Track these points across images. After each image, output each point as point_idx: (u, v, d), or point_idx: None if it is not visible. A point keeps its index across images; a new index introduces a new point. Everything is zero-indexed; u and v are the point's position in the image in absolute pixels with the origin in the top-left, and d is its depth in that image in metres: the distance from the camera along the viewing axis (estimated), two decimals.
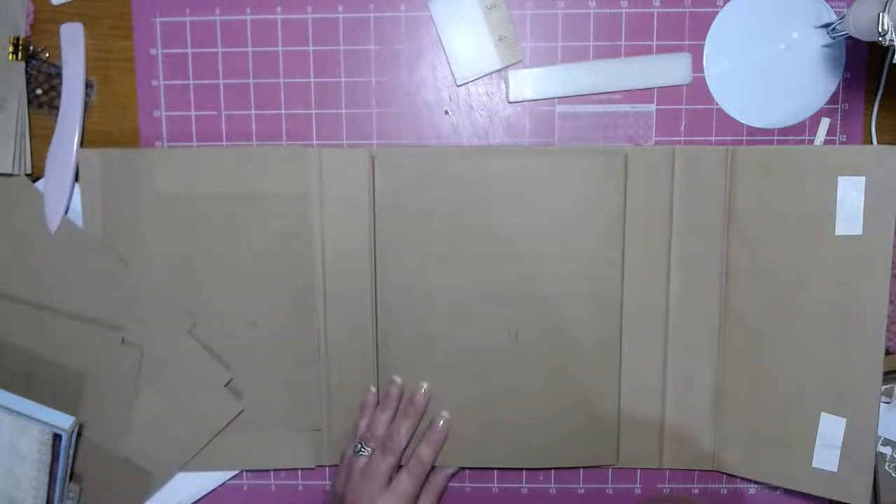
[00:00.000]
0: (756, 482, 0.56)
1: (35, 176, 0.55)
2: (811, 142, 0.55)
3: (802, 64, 0.54)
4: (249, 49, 0.55)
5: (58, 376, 0.54)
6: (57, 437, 0.51)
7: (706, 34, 0.54)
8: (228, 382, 0.55)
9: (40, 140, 0.55)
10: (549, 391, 0.54)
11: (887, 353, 0.52)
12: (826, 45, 0.53)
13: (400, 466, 0.53)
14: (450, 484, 0.57)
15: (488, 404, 0.54)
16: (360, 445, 0.53)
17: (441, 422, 0.54)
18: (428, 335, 0.54)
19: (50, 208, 0.54)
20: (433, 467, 0.55)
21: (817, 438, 0.51)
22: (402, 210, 0.53)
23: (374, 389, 0.55)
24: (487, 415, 0.54)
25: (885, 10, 0.41)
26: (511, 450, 0.55)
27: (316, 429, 0.56)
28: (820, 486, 0.52)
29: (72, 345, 0.54)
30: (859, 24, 0.44)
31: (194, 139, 0.56)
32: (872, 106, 0.54)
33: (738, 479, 0.57)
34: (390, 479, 0.52)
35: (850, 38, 0.48)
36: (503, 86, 0.55)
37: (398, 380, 0.54)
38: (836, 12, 0.53)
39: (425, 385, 0.54)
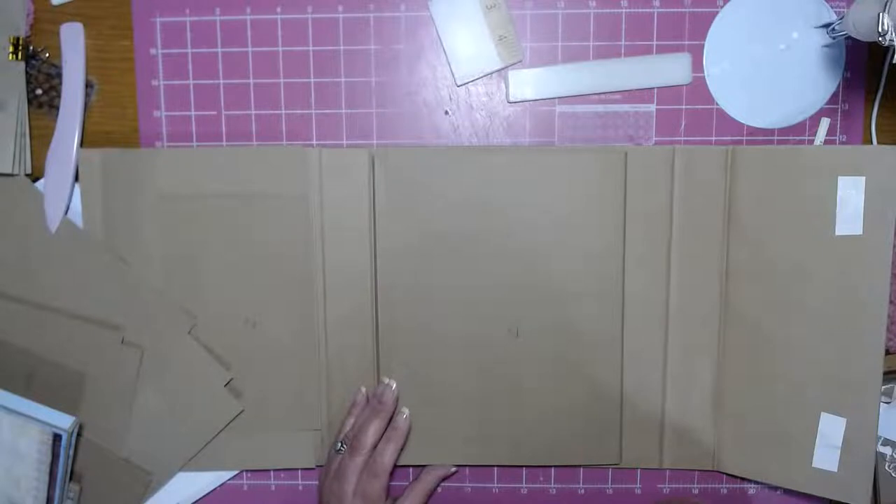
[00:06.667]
0: (756, 482, 0.56)
1: (35, 176, 0.55)
2: (811, 142, 0.55)
3: (802, 64, 0.54)
4: (249, 49, 0.55)
5: (58, 376, 0.54)
6: (57, 437, 0.51)
7: (706, 34, 0.54)
8: (228, 382, 0.55)
9: (40, 140, 0.55)
10: (550, 389, 0.54)
11: (887, 353, 0.52)
12: (826, 45, 0.53)
13: None
14: (450, 484, 0.57)
15: (488, 402, 0.54)
16: (339, 444, 0.53)
17: (401, 419, 0.53)
18: (428, 334, 0.54)
19: (50, 208, 0.54)
20: (429, 466, 0.55)
21: (817, 438, 0.51)
22: (402, 210, 0.53)
23: (364, 390, 0.55)
24: (488, 412, 0.54)
25: (885, 10, 0.41)
26: (511, 448, 0.55)
27: (316, 429, 0.56)
28: (820, 486, 0.52)
29: (72, 345, 0.54)
30: (859, 24, 0.44)
31: (194, 139, 0.56)
32: (872, 106, 0.54)
33: (738, 479, 0.57)
34: (358, 479, 0.51)
35: (850, 38, 0.48)
36: (503, 86, 0.55)
37: (392, 384, 0.54)
38: (836, 12, 0.53)
39: (394, 383, 0.53)
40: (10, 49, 0.54)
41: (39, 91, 0.56)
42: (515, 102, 0.55)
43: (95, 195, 0.54)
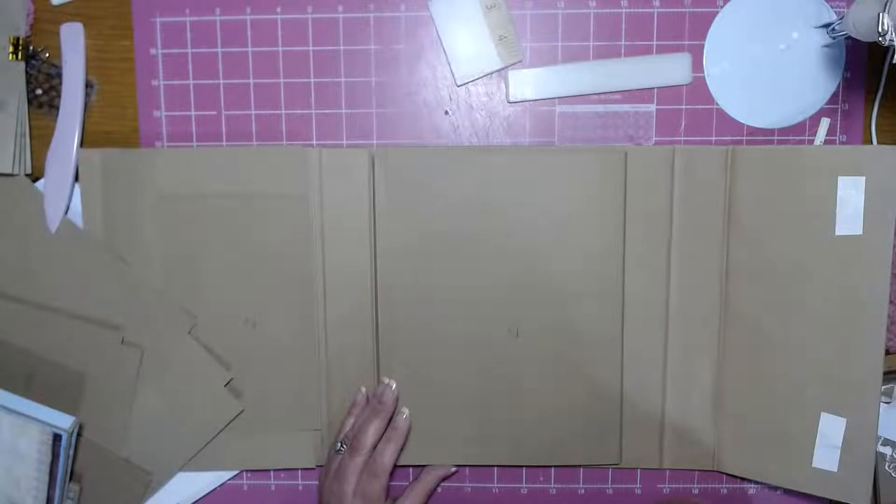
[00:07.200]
0: (756, 482, 0.56)
1: (35, 176, 0.55)
2: (811, 142, 0.55)
3: (802, 64, 0.54)
4: (249, 49, 0.55)
5: (58, 376, 0.54)
6: (57, 437, 0.51)
7: (706, 34, 0.54)
8: (228, 382, 0.55)
9: (40, 140, 0.55)
10: (550, 389, 0.54)
11: (887, 353, 0.52)
12: (826, 45, 0.53)
13: None
14: (450, 484, 0.57)
15: (488, 402, 0.54)
16: (339, 444, 0.53)
17: (401, 419, 0.53)
18: (428, 334, 0.54)
19: (50, 208, 0.54)
20: (429, 466, 0.55)
21: (817, 438, 0.51)
22: (402, 210, 0.53)
23: (364, 390, 0.55)
24: (488, 412, 0.54)
25: (885, 10, 0.41)
26: (511, 448, 0.55)
27: (316, 429, 0.56)
28: (820, 486, 0.52)
29: (72, 345, 0.54)
30: (859, 24, 0.44)
31: (194, 139, 0.56)
32: (872, 106, 0.54)
33: (738, 479, 0.57)
34: (358, 479, 0.51)
35: (850, 38, 0.48)
36: (503, 86, 0.55)
37: (393, 384, 0.54)
38: (836, 12, 0.53)
39: (394, 383, 0.53)
40: (10, 49, 0.54)
41: (39, 91, 0.56)
42: (515, 102, 0.55)
43: (95, 195, 0.54)
